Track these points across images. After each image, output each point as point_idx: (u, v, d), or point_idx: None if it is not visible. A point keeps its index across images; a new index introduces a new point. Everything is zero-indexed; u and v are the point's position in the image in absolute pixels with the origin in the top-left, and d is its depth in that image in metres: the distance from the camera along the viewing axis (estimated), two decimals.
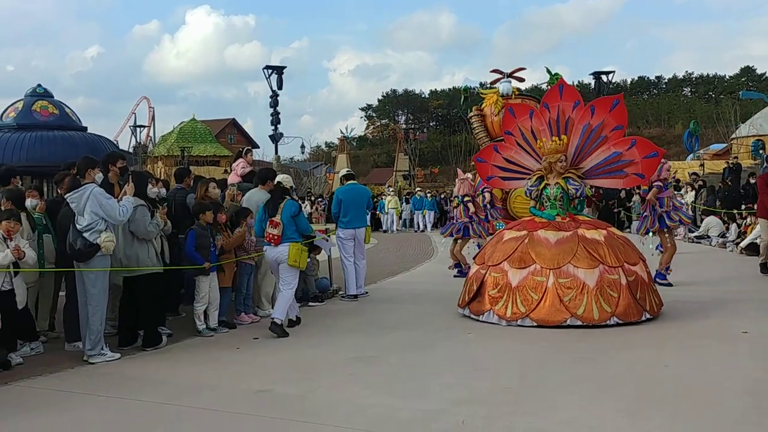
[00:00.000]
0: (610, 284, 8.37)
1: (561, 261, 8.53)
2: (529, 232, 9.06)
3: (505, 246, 9.11)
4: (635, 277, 8.62)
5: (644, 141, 9.51)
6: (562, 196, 9.33)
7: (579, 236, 8.76)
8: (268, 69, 34.87)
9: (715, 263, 15.14)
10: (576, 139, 9.45)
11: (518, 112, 10.16)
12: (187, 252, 8.56)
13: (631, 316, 8.36)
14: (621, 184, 10.02)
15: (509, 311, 8.56)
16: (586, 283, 8.34)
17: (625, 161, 9.20)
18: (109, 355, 7.51)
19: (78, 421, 5.65)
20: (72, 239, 7.38)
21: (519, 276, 8.67)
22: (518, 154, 10.05)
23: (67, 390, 6.47)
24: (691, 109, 74.70)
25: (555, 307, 8.32)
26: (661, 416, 5.35)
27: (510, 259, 8.85)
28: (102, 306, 7.48)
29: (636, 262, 8.82)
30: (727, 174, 25.49)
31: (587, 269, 8.42)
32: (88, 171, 7.58)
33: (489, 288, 8.92)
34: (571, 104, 9.52)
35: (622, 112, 9.34)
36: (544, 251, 8.70)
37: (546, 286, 8.45)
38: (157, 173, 37.54)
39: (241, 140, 70.02)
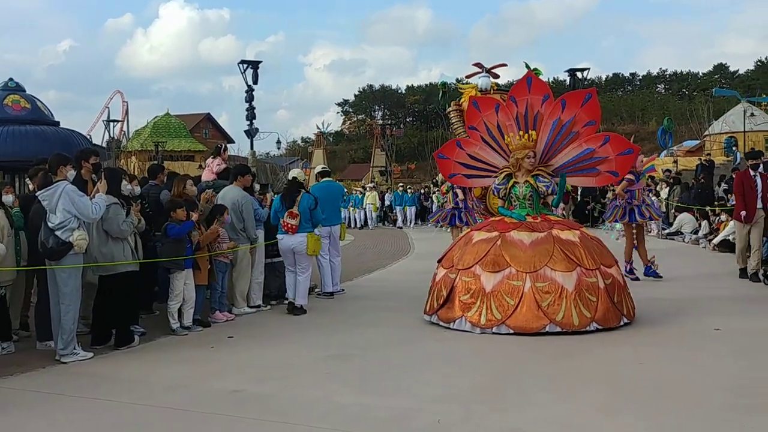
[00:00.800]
0: (588, 288, 7.99)
1: (537, 264, 8.06)
2: (501, 233, 8.53)
3: (475, 248, 8.54)
4: (612, 279, 8.27)
5: (618, 137, 9.15)
6: (532, 195, 8.86)
7: (554, 237, 8.32)
8: (244, 63, 34.57)
9: (688, 260, 15.26)
10: (545, 135, 8.96)
11: (483, 106, 9.49)
12: (173, 234, 8.49)
13: (610, 321, 8.01)
14: (594, 182, 9.60)
15: (483, 318, 8.03)
16: (565, 287, 7.91)
17: (598, 158, 8.76)
18: (82, 354, 7.41)
19: (50, 422, 5.57)
20: (44, 237, 7.28)
21: (493, 280, 8.14)
22: (483, 150, 9.48)
23: (39, 390, 6.38)
24: (664, 105, 75.17)
25: (533, 313, 7.85)
26: (638, 413, 5.38)
27: (482, 262, 8.31)
28: (75, 305, 7.39)
29: (611, 264, 8.50)
30: (700, 171, 25.71)
31: (565, 272, 7.99)
32: (60, 168, 7.48)
33: (460, 293, 8.36)
34: (540, 98, 9.01)
35: (594, 107, 8.84)
36: (519, 253, 8.19)
37: (522, 291, 7.95)
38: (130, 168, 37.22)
39: (216, 135, 69.57)
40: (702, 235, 18.22)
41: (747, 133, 37.97)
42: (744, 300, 10.26)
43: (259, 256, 10.29)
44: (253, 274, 10.13)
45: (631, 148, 8.83)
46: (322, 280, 11.37)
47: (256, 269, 10.18)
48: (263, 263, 10.40)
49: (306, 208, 9.83)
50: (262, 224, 10.28)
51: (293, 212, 9.76)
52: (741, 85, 69.44)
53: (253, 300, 10.15)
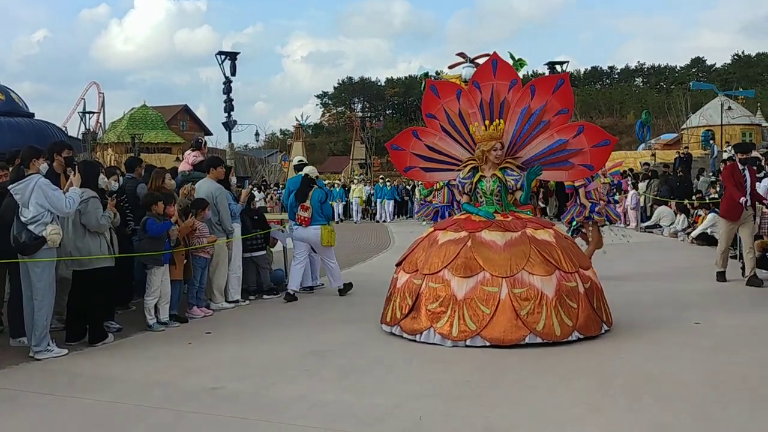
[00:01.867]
0: (568, 293, 7.30)
1: (514, 267, 7.29)
2: (470, 233, 7.71)
3: (443, 250, 7.70)
4: (591, 283, 7.65)
5: (593, 127, 8.25)
6: (500, 190, 8.08)
7: (529, 237, 7.56)
8: (221, 55, 34.29)
9: (667, 253, 15.34)
10: (513, 124, 8.15)
11: (443, 91, 8.57)
12: (151, 233, 8.36)
13: (591, 329, 7.39)
14: (566, 177, 8.68)
15: (455, 329, 7.22)
16: (545, 293, 7.18)
17: (571, 150, 7.97)
18: (56, 351, 7.28)
19: (23, 421, 5.44)
20: (16, 232, 7.12)
21: (465, 286, 7.33)
22: (443, 140, 8.57)
23: (12, 388, 6.24)
24: (642, 99, 75.72)
25: (511, 322, 7.10)
26: (623, 407, 5.36)
27: (452, 265, 7.48)
28: (48, 300, 7.24)
29: (588, 266, 7.91)
30: (678, 164, 25.86)
31: (544, 276, 7.25)
32: (33, 161, 7.32)
33: (427, 302, 7.51)
34: (507, 84, 8.18)
35: (567, 94, 8.02)
36: (492, 256, 7.41)
37: (499, 298, 7.17)
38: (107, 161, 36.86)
39: (194, 127, 69.07)
40: (680, 229, 18.31)
41: (724, 127, 38.22)
42: (723, 293, 10.30)
43: (237, 251, 10.17)
44: (231, 268, 10.02)
45: (607, 139, 7.95)
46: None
47: (234, 263, 10.07)
48: (241, 257, 10.28)
49: (317, 201, 10.49)
50: (238, 218, 10.16)
51: (305, 205, 10.46)
52: (718, 79, 70.11)
53: (231, 295, 10.04)
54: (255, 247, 10.71)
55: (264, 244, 11.06)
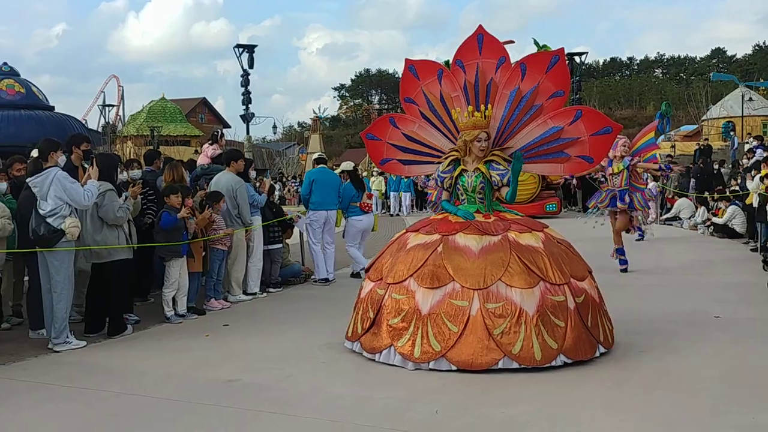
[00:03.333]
0: (554, 309, 6.18)
1: (489, 278, 6.22)
2: (443, 236, 6.65)
3: (410, 256, 6.64)
4: (585, 296, 6.48)
5: (593, 112, 7.09)
6: (483, 187, 6.94)
7: (511, 242, 6.47)
8: (239, 48, 34.41)
9: (687, 245, 15.20)
10: (501, 109, 7.03)
11: (422, 72, 7.51)
12: (163, 224, 8.40)
13: (582, 352, 6.23)
14: (562, 170, 7.42)
15: (418, 350, 6.18)
16: (524, 309, 6.09)
17: (568, 139, 6.81)
18: (75, 343, 7.33)
19: (42, 413, 5.48)
20: (35, 225, 7.16)
21: (431, 299, 6.28)
22: (423, 129, 7.50)
23: (31, 380, 6.30)
24: (662, 90, 75.12)
25: (482, 343, 6.02)
26: (636, 404, 5.32)
27: (418, 274, 6.43)
28: (67, 293, 7.29)
29: (584, 276, 6.70)
30: (699, 156, 25.63)
31: (524, 289, 6.16)
32: (51, 154, 7.37)
33: (389, 315, 6.46)
34: (494, 62, 7.07)
35: (562, 73, 6.93)
36: (465, 264, 6.34)
37: (469, 314, 6.11)
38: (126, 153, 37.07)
39: (212, 120, 69.33)
40: (700, 221, 18.15)
41: (745, 118, 37.87)
42: (745, 286, 10.16)
43: (258, 243, 10.17)
44: (252, 260, 10.04)
45: (609, 126, 6.75)
46: (316, 267, 11.27)
47: (254, 256, 10.08)
48: (261, 250, 10.29)
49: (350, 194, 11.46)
50: (258, 210, 10.18)
51: (370, 194, 11.49)
52: (739, 70, 69.31)
53: (250, 287, 10.06)
54: (272, 239, 10.72)
55: (280, 237, 11.08)
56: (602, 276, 10.79)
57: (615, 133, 6.79)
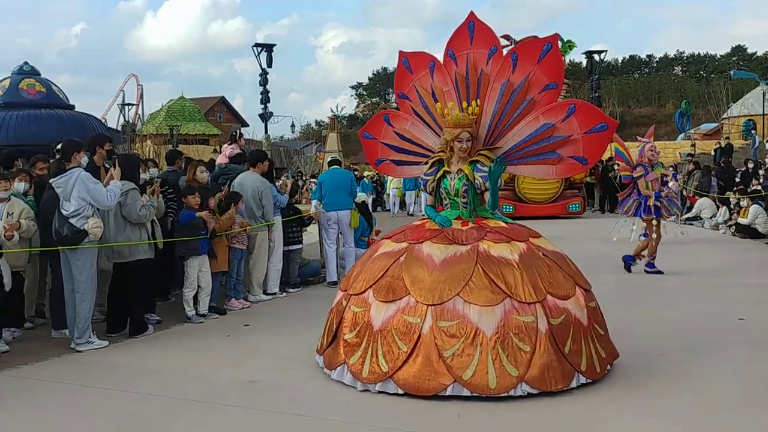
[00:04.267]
0: (519, 331, 5.45)
1: (445, 292, 5.58)
2: (411, 244, 6.08)
3: (374, 265, 6.14)
4: (565, 318, 5.65)
5: (587, 107, 6.28)
6: (467, 190, 6.27)
7: (479, 253, 5.78)
8: (258, 47, 34.54)
9: (709, 246, 15.07)
10: (492, 104, 6.35)
11: (415, 65, 6.89)
12: (181, 219, 8.44)
13: (550, 381, 5.43)
14: (554, 173, 6.46)
15: (366, 369, 5.65)
16: (480, 329, 5.42)
17: (559, 137, 6.11)
18: (97, 342, 7.38)
19: (64, 413, 5.52)
20: (58, 226, 7.21)
21: (384, 313, 5.73)
22: (415, 126, 6.89)
23: (54, 379, 6.34)
24: (682, 88, 74.70)
25: (431, 366, 5.41)
26: (662, 406, 5.28)
27: (376, 286, 5.90)
28: (90, 293, 7.33)
29: (569, 294, 5.81)
30: (720, 155, 25.43)
31: (484, 306, 5.49)
32: (74, 154, 7.41)
33: (345, 329, 6.02)
34: (486, 52, 6.41)
35: (556, 63, 6.16)
36: (423, 276, 5.73)
37: (420, 332, 5.51)
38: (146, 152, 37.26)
39: (231, 118, 69.57)
40: (722, 221, 18.00)
41: (766, 116, 37.50)
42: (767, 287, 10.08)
43: (278, 243, 10.19)
44: (272, 261, 10.06)
45: (604, 123, 6.02)
46: (328, 268, 11.23)
47: (274, 256, 10.10)
48: (281, 250, 10.31)
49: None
50: (279, 210, 10.21)
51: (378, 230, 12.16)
52: (760, 67, 68.77)
53: (270, 287, 10.07)
54: (291, 240, 10.73)
55: (300, 238, 11.10)
56: (623, 277, 10.84)
57: (611, 130, 6.04)
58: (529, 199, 21.77)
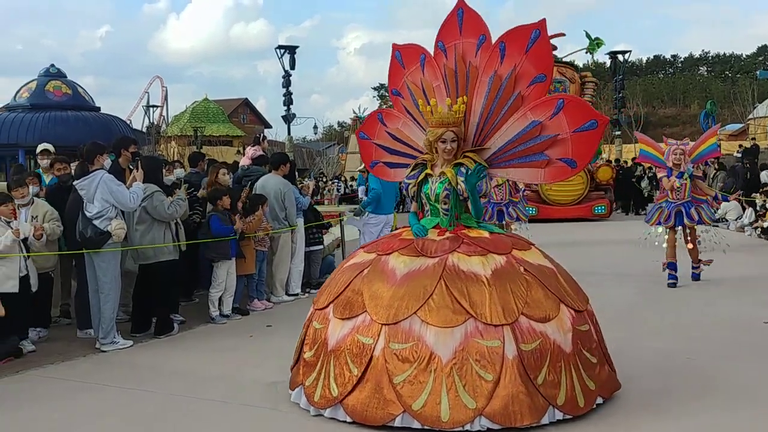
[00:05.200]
0: (481, 357, 4.75)
1: (402, 310, 4.94)
2: (378, 255, 5.48)
3: (340, 277, 5.59)
4: (540, 343, 4.88)
5: (575, 101, 5.59)
6: (448, 195, 5.58)
7: (447, 267, 5.12)
8: (281, 49, 34.71)
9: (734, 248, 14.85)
10: (480, 100, 5.68)
11: (407, 59, 6.25)
12: (215, 231, 8.49)
13: (515, 417, 4.71)
14: (542, 177, 5.67)
15: (318, 392, 5.16)
16: (436, 354, 4.78)
17: (547, 137, 5.40)
18: (122, 342, 7.46)
19: (87, 411, 5.58)
20: (82, 227, 7.29)
21: (339, 332, 5.17)
22: (407, 126, 6.20)
23: (78, 379, 6.43)
24: (707, 88, 74.02)
25: (380, 393, 4.84)
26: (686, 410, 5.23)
27: (337, 301, 5.34)
28: (114, 294, 7.42)
29: (548, 316, 5.01)
30: (744, 155, 25.15)
31: (442, 328, 4.84)
32: (97, 157, 7.47)
33: (306, 347, 5.51)
34: (474, 42, 5.75)
35: (544, 52, 5.47)
36: (381, 291, 5.13)
37: (372, 354, 4.93)
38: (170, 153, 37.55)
39: (254, 120, 69.93)
40: (747, 223, 17.82)
41: None
42: None
43: (300, 244, 10.24)
44: (294, 262, 10.10)
45: (593, 120, 5.30)
46: None
47: (296, 257, 10.15)
48: (303, 251, 10.36)
49: None
50: (301, 212, 10.26)
51: None
52: None
53: (292, 288, 10.12)
54: (312, 241, 10.77)
55: (320, 239, 11.14)
56: (645, 280, 10.71)
57: (601, 128, 5.31)
58: (553, 201, 21.53)
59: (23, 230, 7.26)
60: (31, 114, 23.20)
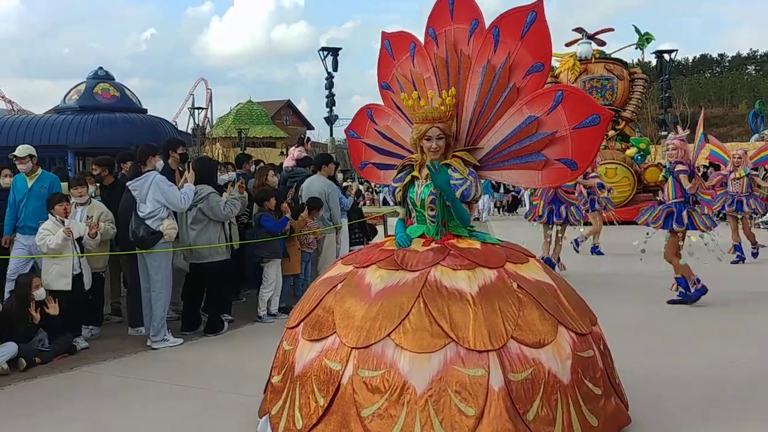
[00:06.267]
0: (462, 388, 3.99)
1: (374, 332, 4.23)
2: (355, 268, 4.78)
3: (312, 293, 4.90)
4: (533, 372, 4.10)
5: (576, 94, 4.85)
6: (434, 200, 4.85)
7: (428, 283, 4.39)
8: (324, 51, 34.92)
9: None
10: (472, 93, 5.00)
11: (397, 49, 5.58)
12: (269, 228, 8.61)
13: None
14: (539, 181, 4.95)
15: (282, 424, 4.47)
16: (410, 384, 4.02)
17: (545, 134, 4.69)
18: (172, 340, 7.60)
19: (137, 407, 5.68)
20: (134, 227, 7.46)
21: (307, 355, 4.46)
22: (397, 123, 5.53)
23: (130, 376, 6.56)
24: (755, 87, 72.80)
25: (346, 427, 4.11)
26: (737, 416, 5.16)
27: (307, 320, 4.65)
28: (165, 292, 7.57)
29: (543, 340, 4.23)
30: None
31: (419, 353, 4.09)
32: (149, 158, 7.62)
33: (275, 370, 4.88)
34: (467, 28, 5.10)
35: (541, 38, 4.74)
36: (355, 310, 4.42)
37: (339, 382, 4.20)
38: (215, 154, 37.98)
39: (296, 121, 70.41)
40: None
41: None
42: None
43: (344, 244, 10.34)
44: None
45: (596, 114, 4.54)
46: None
47: (340, 257, 10.21)
48: (347, 251, 10.44)
49: None
50: (345, 212, 10.35)
51: None
52: None
53: None
54: (354, 241, 10.86)
55: (363, 238, 11.23)
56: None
57: (604, 124, 4.54)
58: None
59: (78, 229, 7.44)
60: (80, 116, 23.62)
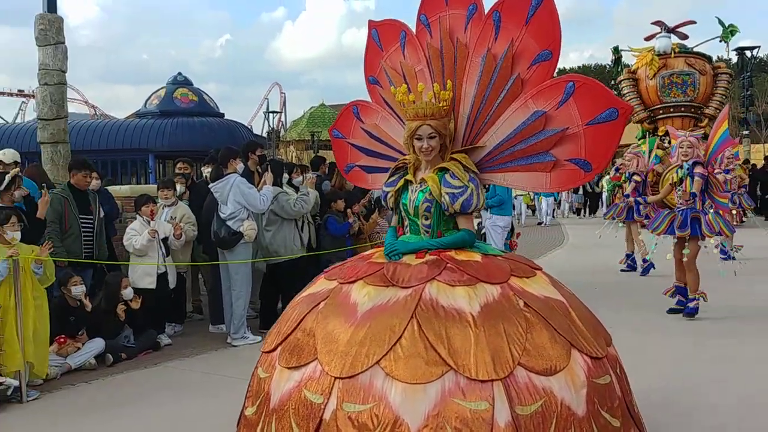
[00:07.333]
0: (463, 424, 3.31)
1: (361, 359, 3.54)
2: (341, 284, 4.10)
3: (291, 312, 4.21)
4: (543, 404, 3.42)
5: (591, 84, 4.03)
6: (429, 207, 4.23)
7: (422, 302, 3.71)
8: None
9: None
10: (471, 86, 4.37)
11: (385, 39, 4.94)
12: (331, 232, 8.75)
13: None
14: (547, 185, 4.26)
15: None
16: (402, 419, 3.35)
17: (554, 131, 4.05)
18: (251, 338, 7.77)
19: (218, 402, 5.76)
20: (216, 228, 7.69)
21: (285, 385, 3.76)
22: (386, 121, 4.88)
23: (210, 372, 6.74)
24: None
25: None
26: None
27: (285, 343, 3.96)
28: (245, 291, 7.78)
29: (555, 367, 3.55)
30: None
31: (413, 384, 3.42)
32: (230, 161, 7.83)
33: (248, 401, 4.17)
34: (463, 14, 4.49)
35: (549, 22, 4.10)
36: (339, 333, 3.73)
37: (321, 418, 3.50)
38: (289, 157, 38.50)
39: None
40: None
41: None
42: None
43: None
44: None
45: (614, 108, 3.88)
46: None
47: None
48: None
49: None
50: None
51: None
52: None
53: None
54: None
55: None
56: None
57: (623, 119, 3.91)
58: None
59: (164, 230, 7.72)
60: (160, 120, 24.32)
